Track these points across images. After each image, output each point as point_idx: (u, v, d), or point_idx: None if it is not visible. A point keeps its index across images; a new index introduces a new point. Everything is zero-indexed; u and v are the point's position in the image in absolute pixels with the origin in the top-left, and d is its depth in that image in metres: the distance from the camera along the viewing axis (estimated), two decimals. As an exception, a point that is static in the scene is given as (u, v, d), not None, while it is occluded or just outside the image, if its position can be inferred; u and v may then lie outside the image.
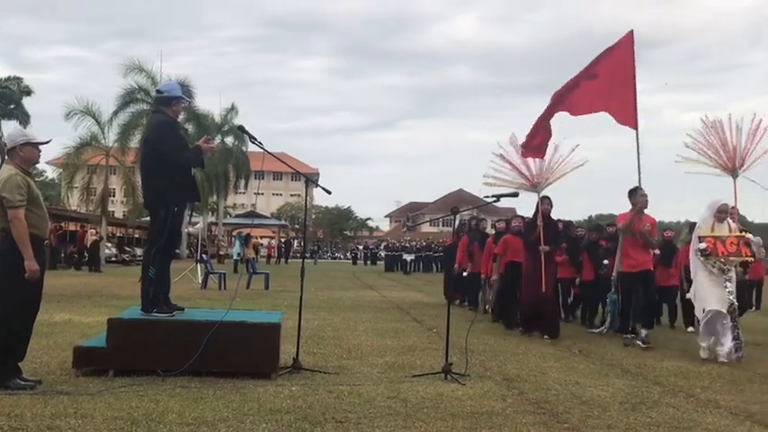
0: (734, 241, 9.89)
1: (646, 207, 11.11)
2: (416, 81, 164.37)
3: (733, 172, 10.70)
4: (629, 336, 11.21)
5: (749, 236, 10.20)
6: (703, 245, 9.85)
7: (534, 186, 12.09)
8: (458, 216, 9.43)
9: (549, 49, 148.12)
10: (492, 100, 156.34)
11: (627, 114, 11.03)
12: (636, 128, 10.98)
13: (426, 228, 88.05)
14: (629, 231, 10.96)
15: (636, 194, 11.00)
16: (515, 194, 9.42)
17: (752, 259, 10.70)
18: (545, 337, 11.59)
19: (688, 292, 11.83)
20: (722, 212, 10.18)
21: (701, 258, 9.87)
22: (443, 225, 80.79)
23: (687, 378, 8.26)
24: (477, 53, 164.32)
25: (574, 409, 6.43)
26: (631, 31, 11.15)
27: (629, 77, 11.04)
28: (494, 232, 16.28)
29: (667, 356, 9.96)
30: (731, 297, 9.71)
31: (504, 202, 9.86)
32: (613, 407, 6.56)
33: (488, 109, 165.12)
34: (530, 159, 11.96)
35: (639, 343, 10.68)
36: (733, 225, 10.24)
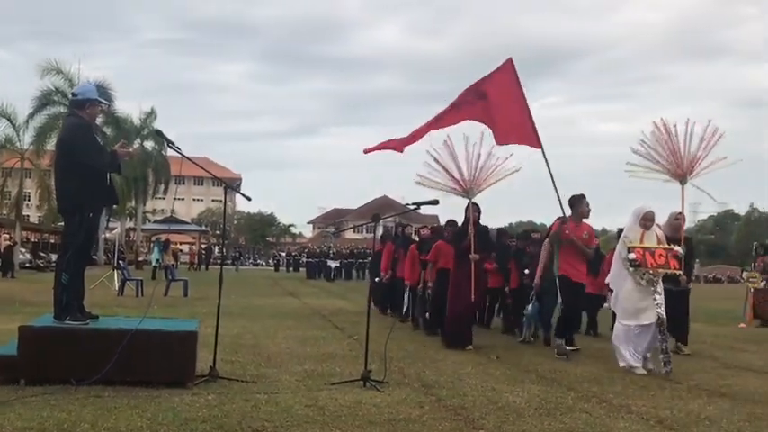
0: (662, 253, 9.61)
1: (587, 216, 10.97)
2: (341, 88, 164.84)
3: (682, 178, 10.38)
4: (564, 345, 10.88)
5: (678, 249, 9.89)
6: (633, 255, 9.46)
7: (465, 192, 11.51)
8: (380, 223, 9.42)
9: (474, 58, 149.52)
10: (417, 108, 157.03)
11: (528, 136, 10.94)
12: (540, 146, 10.84)
13: (350, 234, 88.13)
14: (563, 240, 10.64)
15: (581, 203, 10.83)
16: (435, 202, 9.18)
17: (680, 272, 10.22)
18: (468, 347, 11.22)
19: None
20: (647, 220, 9.79)
21: (630, 269, 9.50)
22: (367, 232, 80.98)
23: (600, 384, 8.43)
24: (402, 61, 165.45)
25: (489, 415, 6.51)
26: (510, 60, 11.10)
27: (520, 99, 11.01)
28: (417, 239, 16.17)
29: (582, 362, 10.16)
30: (659, 310, 9.36)
31: (428, 209, 9.84)
32: (528, 412, 6.67)
33: (413, 117, 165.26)
34: (462, 164, 11.33)
35: (557, 354, 10.54)
36: (659, 233, 9.95)
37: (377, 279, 16.67)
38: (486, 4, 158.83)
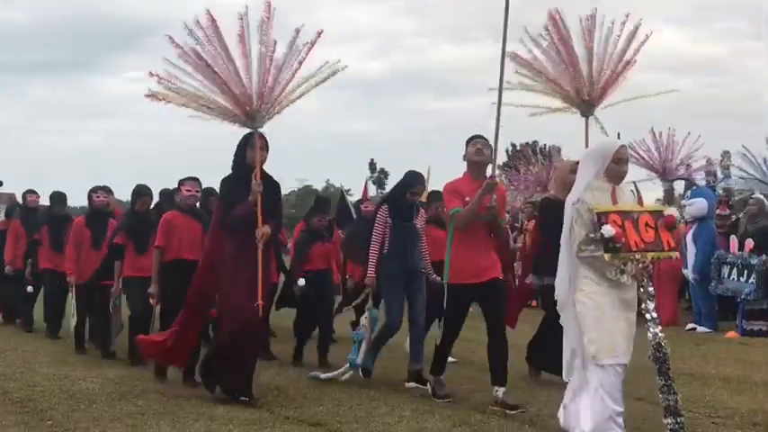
0: (650, 221, 5.15)
1: (486, 166, 6.63)
2: None
3: (588, 108, 6.89)
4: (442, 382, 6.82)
5: (671, 210, 6.02)
6: (610, 229, 4.95)
7: (249, 118, 6.63)
8: None
9: (56, 27, 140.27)
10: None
11: None
12: None
13: None
14: (476, 213, 6.35)
15: (469, 144, 6.67)
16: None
17: (677, 255, 5.85)
18: (244, 398, 6.49)
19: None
20: (621, 163, 5.30)
21: (605, 256, 4.97)
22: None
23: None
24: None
25: (59, 404, 6.34)
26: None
27: None
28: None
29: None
30: (655, 330, 4.99)
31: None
32: (101, 398, 6.59)
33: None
34: (239, 66, 6.53)
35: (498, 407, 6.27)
36: (632, 189, 5.60)
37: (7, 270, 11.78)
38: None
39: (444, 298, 6.55)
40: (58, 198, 11.18)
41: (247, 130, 6.70)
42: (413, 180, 7.61)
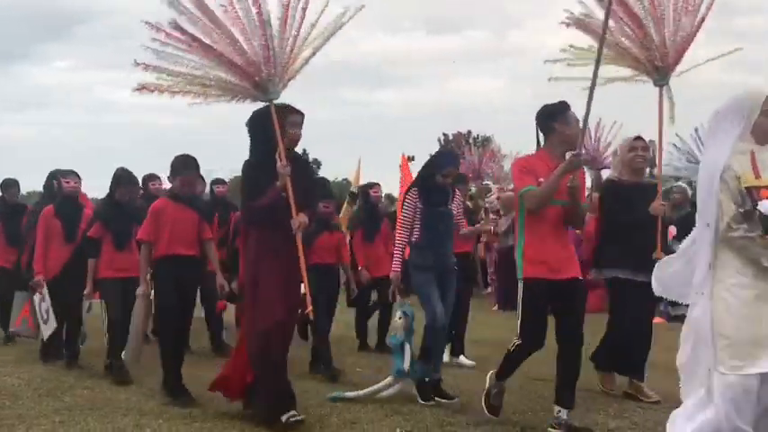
0: None
1: (574, 145, 5.32)
2: None
3: (663, 76, 5.99)
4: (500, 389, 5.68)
5: None
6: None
7: (261, 90, 5.57)
8: None
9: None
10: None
11: None
12: None
13: None
14: (552, 192, 5.30)
15: (566, 115, 5.48)
16: None
17: None
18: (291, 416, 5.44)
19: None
20: None
21: (755, 236, 3.95)
22: None
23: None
24: None
25: (-16, 401, 6.21)
26: None
27: None
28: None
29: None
30: None
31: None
32: (27, 395, 6.47)
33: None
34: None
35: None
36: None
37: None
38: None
39: (518, 297, 5.42)
40: (12, 184, 9.83)
41: (263, 104, 5.64)
42: (443, 160, 6.72)
